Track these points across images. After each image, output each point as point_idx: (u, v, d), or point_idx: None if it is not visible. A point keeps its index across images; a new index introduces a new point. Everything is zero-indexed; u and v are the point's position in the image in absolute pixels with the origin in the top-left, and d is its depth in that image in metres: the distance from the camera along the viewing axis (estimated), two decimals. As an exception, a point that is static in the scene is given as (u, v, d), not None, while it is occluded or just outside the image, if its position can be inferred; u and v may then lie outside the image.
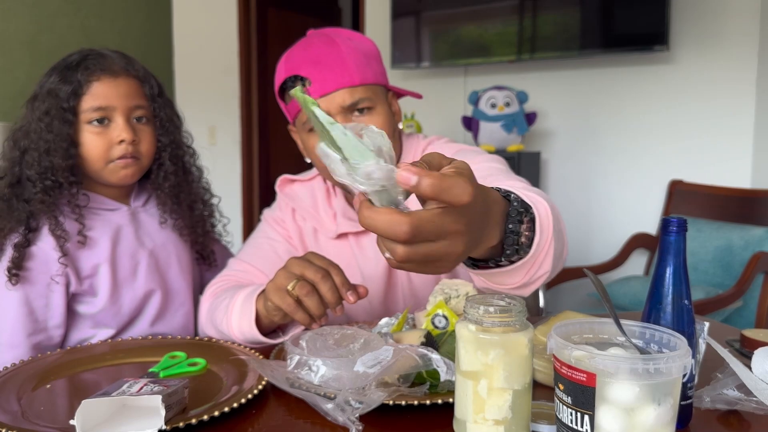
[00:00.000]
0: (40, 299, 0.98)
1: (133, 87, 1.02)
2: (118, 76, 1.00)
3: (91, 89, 0.98)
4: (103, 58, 1.01)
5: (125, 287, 1.04)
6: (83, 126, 0.99)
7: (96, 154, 0.99)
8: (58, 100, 0.97)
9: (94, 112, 0.98)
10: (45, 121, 0.97)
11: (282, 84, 1.00)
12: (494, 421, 0.58)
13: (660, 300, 0.65)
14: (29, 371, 0.81)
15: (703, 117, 2.65)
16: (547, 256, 0.66)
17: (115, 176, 1.01)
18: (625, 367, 0.52)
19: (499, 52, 2.93)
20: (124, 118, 1.00)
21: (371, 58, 0.98)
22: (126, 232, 1.06)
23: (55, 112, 0.96)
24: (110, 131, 0.99)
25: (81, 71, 0.98)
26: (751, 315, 2.18)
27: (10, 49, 3.30)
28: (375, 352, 0.69)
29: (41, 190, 0.96)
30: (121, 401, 0.65)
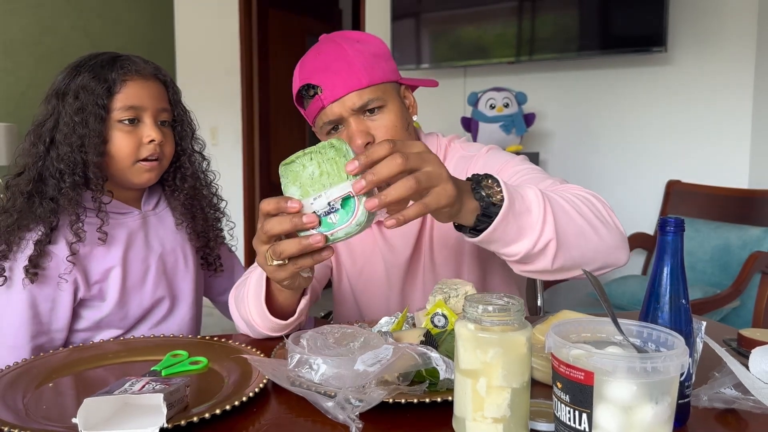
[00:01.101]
0: (46, 302, 0.99)
1: (161, 91, 1.05)
2: (148, 79, 1.03)
3: (125, 88, 1.00)
4: (134, 61, 1.03)
5: (134, 293, 1.05)
6: (114, 124, 1.00)
7: (125, 152, 1.00)
8: (93, 96, 0.98)
9: (126, 111, 1.00)
10: (80, 116, 0.98)
11: (298, 93, 1.03)
12: (493, 419, 0.59)
13: (658, 299, 0.65)
14: (32, 370, 0.82)
15: (700, 118, 2.66)
16: (546, 224, 0.76)
17: (138, 178, 1.03)
18: (623, 366, 0.52)
19: (498, 53, 2.94)
20: (153, 120, 1.02)
21: (379, 57, 1.01)
22: (137, 237, 1.07)
23: (90, 107, 0.98)
24: (139, 131, 1.01)
25: (116, 71, 1.00)
26: (748, 314, 2.18)
27: (13, 50, 3.30)
28: (375, 351, 0.70)
29: (70, 185, 0.97)
30: (122, 399, 0.66)
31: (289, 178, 0.72)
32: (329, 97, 0.97)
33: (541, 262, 0.78)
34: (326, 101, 0.97)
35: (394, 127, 0.99)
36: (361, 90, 0.97)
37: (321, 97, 0.97)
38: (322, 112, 0.99)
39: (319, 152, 0.70)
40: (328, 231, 0.69)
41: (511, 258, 0.79)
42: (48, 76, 1.07)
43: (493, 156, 1.07)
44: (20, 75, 3.31)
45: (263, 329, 0.92)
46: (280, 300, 0.89)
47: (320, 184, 0.70)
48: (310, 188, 0.70)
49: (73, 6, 3.58)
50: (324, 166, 0.70)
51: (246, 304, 0.92)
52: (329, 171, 0.69)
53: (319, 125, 1.02)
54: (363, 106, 0.97)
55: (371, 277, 1.12)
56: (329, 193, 0.69)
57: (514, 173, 0.99)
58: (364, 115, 0.99)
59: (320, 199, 0.69)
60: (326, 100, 0.97)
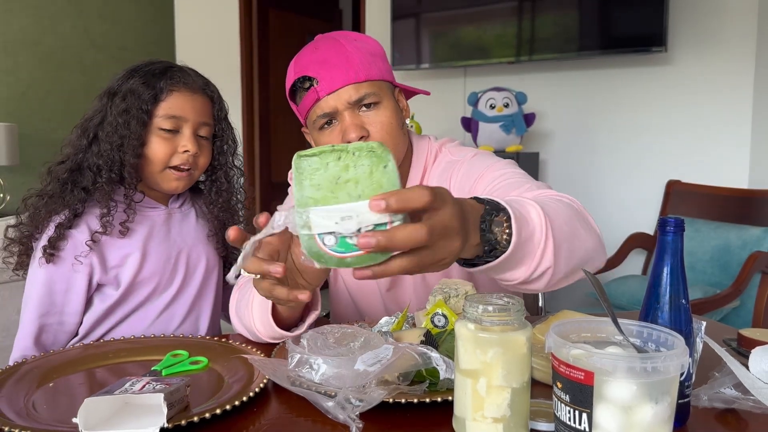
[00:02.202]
0: (61, 282, 1.03)
1: (206, 105, 1.09)
2: (195, 92, 1.07)
3: (170, 98, 1.05)
4: (186, 74, 1.08)
5: (149, 281, 1.07)
6: (154, 129, 1.04)
7: (159, 157, 1.05)
8: (139, 101, 1.03)
9: (167, 120, 1.04)
10: (123, 118, 1.02)
11: (291, 87, 1.03)
12: (493, 419, 0.59)
13: (657, 299, 0.65)
14: (33, 369, 0.82)
15: (700, 118, 2.66)
16: (546, 251, 0.70)
17: (167, 184, 1.07)
18: (623, 366, 0.53)
19: (498, 53, 2.94)
20: (192, 131, 1.06)
21: (376, 56, 1.01)
22: (160, 230, 1.10)
23: (134, 111, 1.02)
24: (177, 140, 1.05)
25: (165, 80, 1.05)
26: (748, 314, 2.19)
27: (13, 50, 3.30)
28: (375, 351, 0.70)
29: (106, 180, 1.02)
30: (123, 399, 0.66)
31: (305, 174, 0.57)
32: (325, 89, 0.97)
33: (534, 285, 0.74)
34: (322, 93, 0.97)
35: (389, 123, 1.00)
36: (358, 84, 0.97)
37: (317, 89, 0.98)
38: (317, 105, 0.99)
39: (352, 154, 0.57)
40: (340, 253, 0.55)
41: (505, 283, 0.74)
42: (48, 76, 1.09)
43: (478, 161, 1.06)
44: (20, 75, 3.31)
45: (266, 338, 0.92)
46: (284, 313, 0.89)
47: (346, 194, 0.56)
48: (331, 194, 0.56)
49: (74, 6, 3.58)
50: (353, 173, 0.57)
51: (249, 312, 0.92)
52: (359, 179, 0.56)
53: (312, 119, 1.02)
54: (359, 99, 0.98)
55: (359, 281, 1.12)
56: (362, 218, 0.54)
57: (495, 178, 0.98)
58: (359, 110, 0.99)
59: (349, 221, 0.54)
60: (322, 92, 0.97)
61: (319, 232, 0.55)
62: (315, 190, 0.57)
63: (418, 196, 0.54)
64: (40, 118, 3.40)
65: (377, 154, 0.57)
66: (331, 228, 0.55)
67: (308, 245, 0.55)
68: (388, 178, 0.57)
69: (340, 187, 0.57)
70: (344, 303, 1.17)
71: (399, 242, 0.53)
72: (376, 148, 0.57)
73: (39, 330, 1.02)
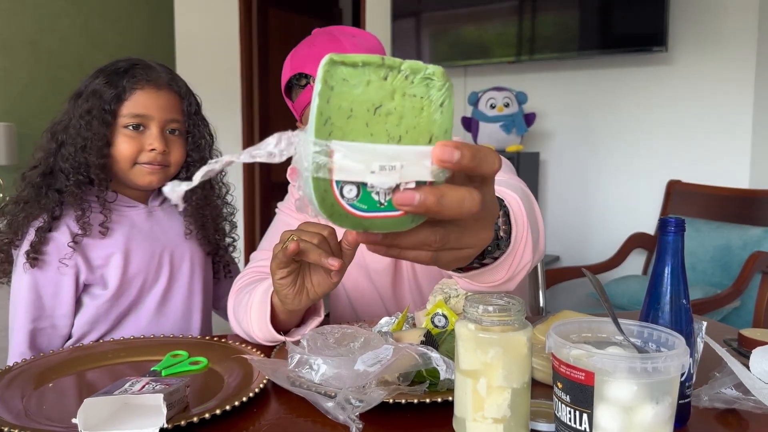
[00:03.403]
0: (48, 286, 1.02)
1: (172, 101, 1.07)
2: (161, 88, 1.05)
3: (134, 96, 1.03)
4: (151, 70, 1.06)
5: (137, 277, 1.07)
6: (119, 129, 1.03)
7: (126, 156, 1.03)
8: (101, 101, 1.02)
9: (132, 118, 1.03)
10: (86, 119, 1.02)
11: (287, 82, 1.02)
12: (493, 419, 0.59)
13: (658, 299, 0.65)
14: (32, 370, 0.82)
15: (701, 117, 2.66)
16: (526, 247, 0.65)
17: (140, 179, 1.06)
18: (624, 366, 0.52)
19: (499, 53, 2.94)
20: (159, 129, 1.05)
21: (374, 53, 1.01)
22: (141, 228, 1.09)
23: (96, 112, 1.01)
24: (143, 137, 1.04)
25: (128, 78, 1.03)
26: (748, 314, 2.18)
27: (12, 49, 3.30)
28: (375, 351, 0.70)
29: (74, 183, 1.01)
30: (122, 400, 0.66)
31: (335, 87, 0.39)
32: None
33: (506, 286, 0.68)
34: None
35: None
36: None
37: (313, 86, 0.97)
38: None
39: (404, 76, 0.40)
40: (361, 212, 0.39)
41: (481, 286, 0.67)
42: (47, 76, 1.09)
43: None
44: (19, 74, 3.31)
45: (263, 341, 0.92)
46: (284, 319, 0.89)
47: (384, 131, 0.40)
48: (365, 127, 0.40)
49: (73, 5, 3.58)
50: (400, 103, 0.40)
51: (248, 317, 0.92)
52: (404, 114, 0.40)
53: (307, 118, 1.01)
54: None
55: (357, 279, 1.12)
56: (406, 171, 0.39)
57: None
58: None
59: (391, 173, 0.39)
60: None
61: (342, 178, 0.39)
62: (343, 116, 0.39)
63: (492, 159, 0.41)
64: (38, 118, 3.40)
65: (436, 85, 0.41)
66: (362, 177, 0.39)
67: (320, 192, 0.38)
68: (441, 123, 0.41)
69: (378, 120, 0.40)
70: (342, 304, 1.17)
71: (448, 206, 0.39)
72: (437, 76, 0.41)
73: (32, 335, 1.02)
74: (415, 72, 0.40)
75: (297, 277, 0.81)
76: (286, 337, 0.88)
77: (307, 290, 0.82)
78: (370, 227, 0.40)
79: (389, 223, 0.40)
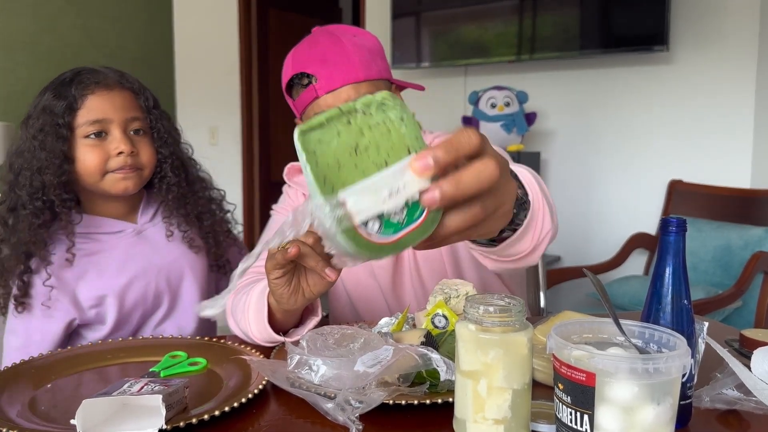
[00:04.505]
0: (36, 333, 0.98)
1: (128, 99, 1.01)
2: (112, 88, 0.99)
3: (86, 103, 0.97)
4: (96, 72, 1.00)
5: (135, 310, 1.05)
6: (79, 141, 0.97)
7: (92, 166, 0.97)
8: (52, 116, 0.95)
9: (91, 126, 0.97)
10: (39, 139, 0.95)
11: (289, 81, 1.02)
12: (494, 420, 0.59)
13: (659, 300, 0.65)
14: (30, 370, 0.82)
15: (702, 117, 2.66)
16: (545, 214, 0.69)
17: (114, 188, 1.00)
18: (625, 367, 0.52)
19: (499, 52, 2.94)
20: (121, 130, 0.99)
21: (375, 53, 1.01)
22: (133, 255, 1.04)
23: (49, 128, 0.95)
24: (107, 144, 0.98)
25: (75, 86, 0.97)
26: (750, 315, 2.18)
27: (11, 49, 3.30)
28: (375, 352, 0.70)
29: (31, 212, 0.94)
30: (121, 401, 0.65)
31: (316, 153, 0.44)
32: (324, 88, 0.96)
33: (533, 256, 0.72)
34: (321, 91, 0.97)
35: None
36: (358, 83, 0.97)
37: (315, 86, 0.97)
38: (315, 103, 0.98)
39: (362, 113, 0.46)
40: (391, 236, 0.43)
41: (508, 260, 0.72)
42: (47, 75, 1.07)
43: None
44: (19, 74, 3.31)
45: (261, 342, 0.92)
46: (281, 319, 0.89)
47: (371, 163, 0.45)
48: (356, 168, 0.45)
49: (73, 5, 3.58)
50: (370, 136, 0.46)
51: (246, 317, 0.92)
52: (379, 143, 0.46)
53: (308, 116, 1.02)
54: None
55: (358, 276, 1.12)
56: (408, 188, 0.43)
57: None
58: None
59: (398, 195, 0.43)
60: (321, 90, 0.96)
61: (364, 218, 0.42)
62: (334, 169, 0.44)
63: (467, 140, 0.44)
64: (40, 118, 3.40)
65: (389, 106, 0.47)
66: (378, 209, 0.42)
67: (352, 239, 0.41)
68: (409, 133, 0.46)
69: (361, 158, 0.45)
70: (343, 303, 1.17)
71: (469, 185, 0.43)
72: (387, 99, 0.47)
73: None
74: (368, 105, 0.46)
75: (292, 277, 0.81)
76: (285, 337, 0.88)
77: (303, 290, 0.82)
78: (405, 244, 0.44)
79: (418, 232, 0.44)
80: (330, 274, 0.77)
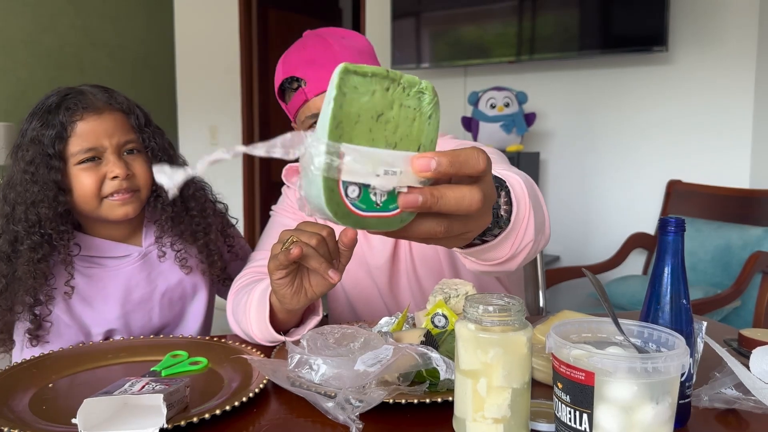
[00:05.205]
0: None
1: (119, 121, 0.97)
2: (102, 112, 0.96)
3: (76, 130, 0.93)
4: (83, 96, 0.96)
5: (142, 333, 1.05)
6: (72, 168, 0.94)
7: (88, 191, 0.94)
8: (41, 146, 0.92)
9: (84, 154, 0.94)
10: (30, 171, 0.92)
11: (280, 85, 1.04)
12: (493, 419, 0.59)
13: (658, 299, 0.65)
14: (32, 370, 0.82)
15: (701, 117, 2.66)
16: (528, 226, 0.68)
17: (113, 214, 0.97)
18: (624, 366, 0.52)
19: (499, 52, 2.94)
20: (115, 154, 0.96)
21: (364, 54, 1.02)
22: (137, 281, 1.03)
23: (39, 159, 0.92)
24: (102, 167, 0.95)
25: (63, 112, 0.93)
26: (749, 314, 2.18)
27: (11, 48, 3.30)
28: (375, 351, 0.70)
29: (29, 247, 0.92)
30: (122, 400, 0.66)
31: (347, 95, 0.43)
32: (313, 90, 0.98)
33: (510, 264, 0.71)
34: (310, 94, 0.98)
35: None
36: None
37: (305, 90, 0.99)
38: (305, 106, 1.00)
39: (402, 89, 0.46)
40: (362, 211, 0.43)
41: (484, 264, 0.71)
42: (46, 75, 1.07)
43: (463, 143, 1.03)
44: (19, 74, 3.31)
45: (262, 341, 0.92)
46: (282, 318, 0.89)
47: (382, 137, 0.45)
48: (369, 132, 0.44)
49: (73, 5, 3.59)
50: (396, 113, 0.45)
51: (247, 317, 0.93)
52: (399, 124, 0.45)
53: (300, 119, 1.03)
54: None
55: (357, 276, 1.12)
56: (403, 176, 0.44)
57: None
58: None
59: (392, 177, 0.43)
60: (310, 93, 0.98)
61: (350, 179, 0.42)
62: (352, 121, 0.43)
63: (475, 162, 0.45)
64: (40, 118, 3.40)
65: (426, 98, 0.46)
66: (368, 179, 0.42)
67: (328, 190, 0.41)
68: (428, 133, 0.47)
69: (379, 127, 0.44)
70: (342, 304, 1.17)
71: (447, 205, 0.44)
72: (428, 91, 0.46)
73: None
74: (411, 85, 0.46)
75: (295, 277, 0.81)
76: (286, 337, 0.88)
77: (305, 290, 0.82)
78: (366, 226, 0.44)
79: (383, 222, 0.44)
80: (333, 275, 0.78)
